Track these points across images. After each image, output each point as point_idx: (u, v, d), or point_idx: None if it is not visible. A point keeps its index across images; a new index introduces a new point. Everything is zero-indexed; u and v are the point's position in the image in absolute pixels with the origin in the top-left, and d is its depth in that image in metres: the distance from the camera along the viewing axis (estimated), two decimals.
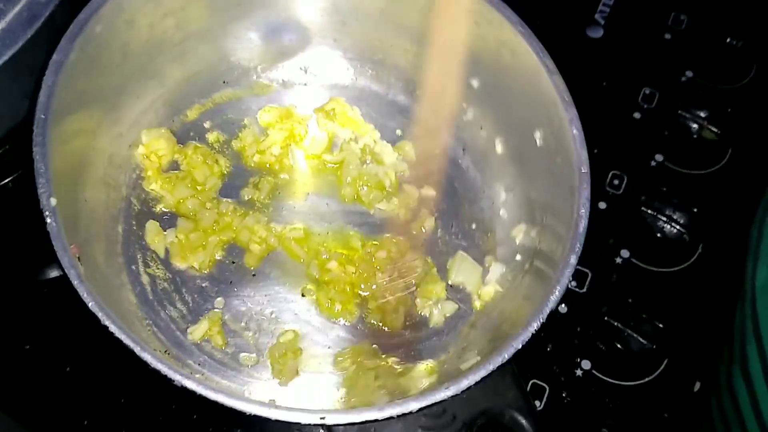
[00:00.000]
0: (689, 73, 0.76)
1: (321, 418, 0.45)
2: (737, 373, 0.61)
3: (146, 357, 0.47)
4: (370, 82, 0.72)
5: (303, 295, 0.63)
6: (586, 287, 0.66)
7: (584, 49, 0.77)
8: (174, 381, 0.46)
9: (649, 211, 0.69)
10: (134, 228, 0.64)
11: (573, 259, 0.53)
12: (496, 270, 0.64)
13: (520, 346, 0.50)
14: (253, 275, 0.64)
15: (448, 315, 0.63)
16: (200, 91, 0.69)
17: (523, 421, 0.52)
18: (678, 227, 0.68)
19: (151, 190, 0.65)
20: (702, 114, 0.73)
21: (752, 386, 0.52)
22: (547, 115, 0.59)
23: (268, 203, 0.66)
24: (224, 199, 0.66)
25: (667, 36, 0.79)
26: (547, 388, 0.62)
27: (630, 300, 0.65)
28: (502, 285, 0.63)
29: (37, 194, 0.50)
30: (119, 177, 0.64)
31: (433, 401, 0.47)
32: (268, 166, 0.68)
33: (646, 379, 0.63)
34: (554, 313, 0.52)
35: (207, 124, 0.69)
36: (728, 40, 0.78)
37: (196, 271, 0.63)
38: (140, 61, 0.62)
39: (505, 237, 0.65)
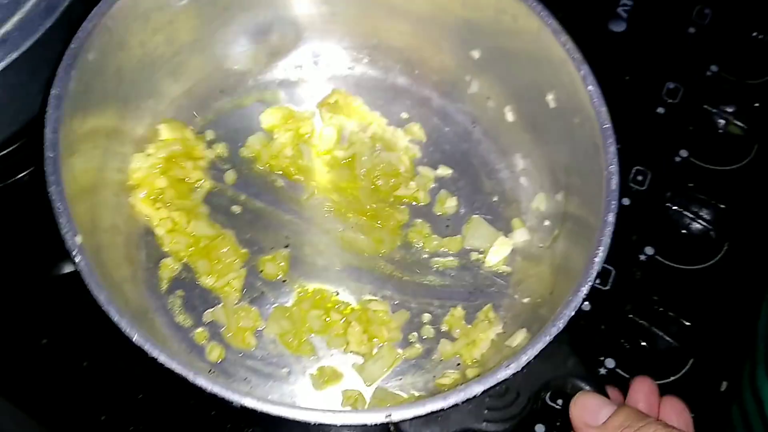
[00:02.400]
0: (714, 68, 0.76)
1: (387, 416, 0.45)
2: (762, 375, 0.60)
3: (201, 382, 0.46)
4: (368, 69, 0.72)
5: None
6: (609, 284, 0.65)
7: (607, 43, 0.77)
8: (233, 402, 0.46)
9: (675, 208, 0.68)
10: (155, 254, 0.63)
11: (611, 217, 0.52)
12: (520, 235, 0.64)
13: (572, 313, 0.49)
14: (284, 281, 0.63)
15: None
16: (199, 104, 0.68)
17: (587, 388, 0.51)
18: (704, 224, 0.67)
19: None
20: (728, 109, 0.73)
21: None
22: (558, 76, 0.59)
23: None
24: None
25: (691, 30, 0.78)
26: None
27: (655, 297, 0.64)
28: (529, 250, 0.63)
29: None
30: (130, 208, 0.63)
31: (496, 382, 0.46)
32: (281, 170, 0.67)
33: (672, 378, 0.62)
34: (578, 310, 0.51)
35: (210, 136, 0.68)
36: (754, 34, 0.77)
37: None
38: (136, 82, 0.62)
39: (529, 205, 0.65)
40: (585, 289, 0.50)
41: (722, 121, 0.72)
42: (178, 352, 0.59)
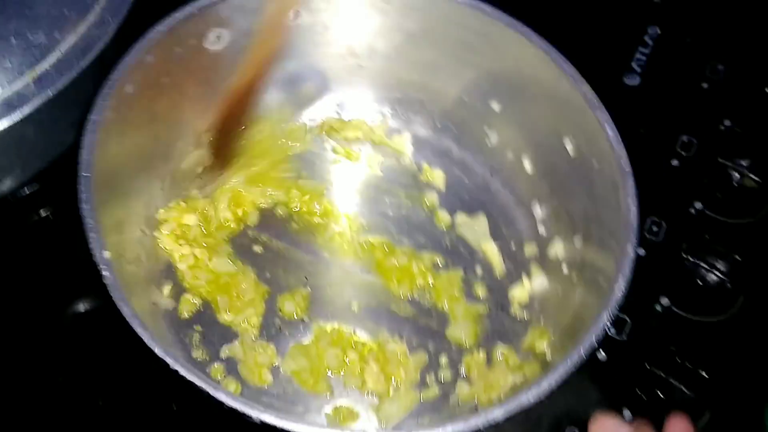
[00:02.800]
0: (727, 122, 0.77)
1: None
2: None
3: (222, 397, 0.47)
4: (390, 121, 0.74)
5: None
6: (625, 335, 0.65)
7: (621, 96, 0.78)
8: (252, 417, 0.46)
9: (690, 259, 0.68)
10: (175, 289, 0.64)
11: (630, 249, 0.54)
12: (539, 283, 0.65)
13: (594, 340, 0.50)
14: (302, 320, 0.64)
15: None
16: None
17: None
18: (720, 275, 0.67)
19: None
20: (742, 162, 0.73)
21: None
22: (577, 123, 0.61)
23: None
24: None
25: (705, 85, 0.79)
26: None
27: (672, 348, 0.64)
28: (547, 296, 0.64)
29: (88, 245, 0.51)
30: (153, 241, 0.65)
31: (519, 407, 0.47)
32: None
33: None
34: (593, 360, 0.51)
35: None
36: (766, 89, 0.78)
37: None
38: (167, 122, 0.64)
39: (547, 251, 0.66)
40: (606, 316, 0.51)
41: (737, 175, 0.73)
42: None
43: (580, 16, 0.83)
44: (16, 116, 0.56)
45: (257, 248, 0.66)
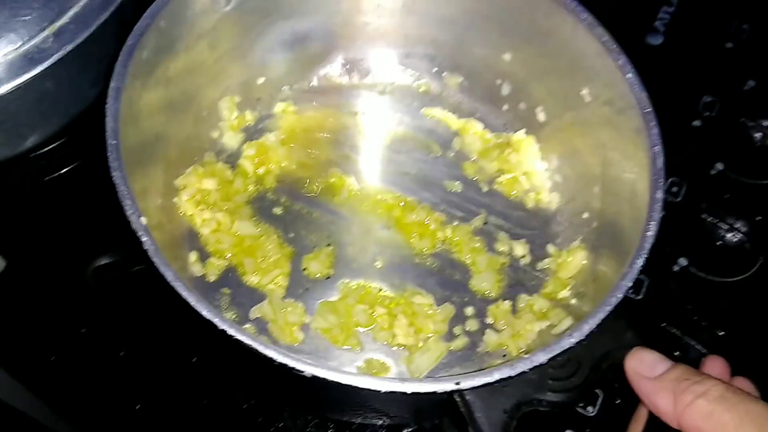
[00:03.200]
0: (751, 82, 0.76)
1: (456, 384, 0.46)
2: None
3: (271, 353, 0.46)
4: (399, 76, 0.74)
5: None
6: (642, 294, 0.65)
7: (644, 56, 0.77)
8: (303, 372, 0.46)
9: (710, 219, 0.68)
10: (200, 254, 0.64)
11: (659, 194, 0.54)
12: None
13: (630, 284, 0.51)
14: (327, 278, 0.64)
15: None
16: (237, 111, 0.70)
17: None
18: (739, 235, 0.67)
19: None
20: (765, 123, 0.73)
21: None
22: (594, 69, 0.61)
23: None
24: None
25: (729, 45, 0.79)
26: (601, 395, 0.60)
27: (689, 307, 0.64)
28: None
29: (123, 210, 0.50)
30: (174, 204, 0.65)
31: (561, 350, 0.47)
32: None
33: None
34: (623, 317, 0.51)
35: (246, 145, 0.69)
36: None
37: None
38: (180, 86, 0.64)
39: (566, 202, 0.67)
40: (640, 261, 0.52)
41: (759, 135, 0.72)
42: None
43: None
44: (36, 70, 0.56)
45: (277, 210, 0.66)
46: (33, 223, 0.68)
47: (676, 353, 0.63)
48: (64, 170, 0.69)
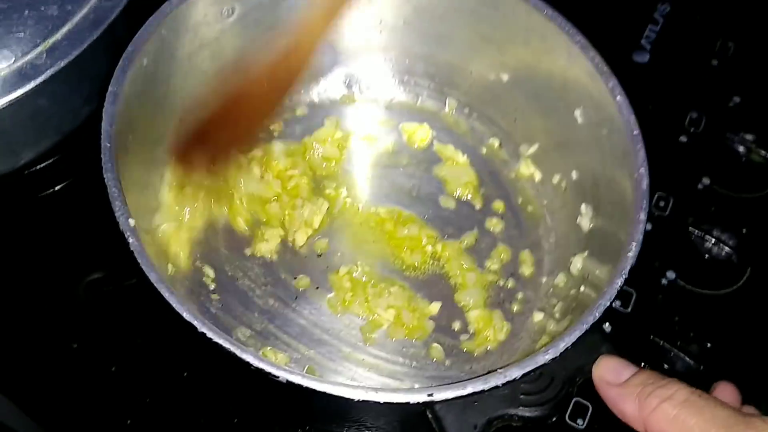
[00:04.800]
0: (736, 99, 0.77)
1: (429, 395, 0.46)
2: None
3: (247, 357, 0.47)
4: (398, 93, 0.75)
5: None
6: (630, 307, 0.66)
7: (631, 73, 0.78)
8: (279, 377, 0.47)
9: (697, 233, 0.69)
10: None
11: (642, 216, 0.55)
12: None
13: (608, 303, 0.51)
14: (317, 288, 0.65)
15: None
16: None
17: None
18: (726, 248, 0.68)
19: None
20: (749, 137, 0.74)
21: None
22: (587, 91, 0.62)
23: None
24: None
25: (714, 62, 0.80)
26: (590, 407, 0.61)
27: (677, 319, 0.65)
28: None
29: (113, 213, 0.51)
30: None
31: (535, 366, 0.48)
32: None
33: None
34: (598, 332, 0.52)
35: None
36: None
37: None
38: (182, 95, 0.65)
39: (555, 225, 0.68)
40: (619, 282, 0.52)
41: (744, 150, 0.74)
42: None
43: None
44: (29, 86, 0.57)
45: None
46: (26, 240, 0.68)
47: (665, 366, 0.63)
48: (58, 187, 0.70)
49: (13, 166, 0.66)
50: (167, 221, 0.63)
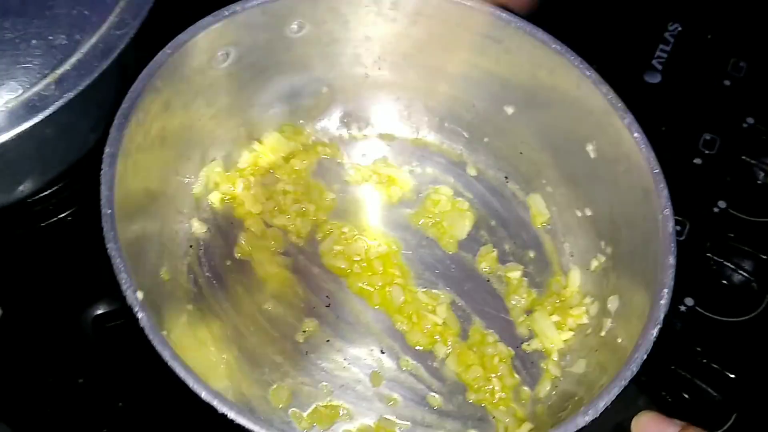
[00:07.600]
0: (750, 120, 0.77)
1: None
2: None
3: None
4: (399, 127, 0.73)
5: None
6: None
7: (642, 94, 0.78)
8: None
9: (715, 258, 0.68)
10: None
11: (671, 260, 0.53)
12: (575, 276, 0.65)
13: (644, 356, 0.51)
14: (327, 341, 0.64)
15: None
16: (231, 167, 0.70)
17: None
18: (745, 275, 0.68)
19: None
20: (767, 160, 0.73)
21: None
22: (599, 126, 0.61)
23: None
24: None
25: (727, 82, 0.80)
26: None
27: (698, 349, 0.64)
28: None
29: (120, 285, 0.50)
30: (175, 260, 0.64)
31: (576, 428, 0.47)
32: None
33: None
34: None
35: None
36: None
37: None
38: (176, 145, 0.64)
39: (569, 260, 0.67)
40: (654, 332, 0.51)
41: (761, 173, 0.73)
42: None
43: (599, 13, 0.83)
44: (37, 118, 0.56)
45: None
46: (30, 270, 0.68)
47: (686, 396, 0.62)
48: (62, 215, 0.69)
49: (17, 196, 0.65)
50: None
